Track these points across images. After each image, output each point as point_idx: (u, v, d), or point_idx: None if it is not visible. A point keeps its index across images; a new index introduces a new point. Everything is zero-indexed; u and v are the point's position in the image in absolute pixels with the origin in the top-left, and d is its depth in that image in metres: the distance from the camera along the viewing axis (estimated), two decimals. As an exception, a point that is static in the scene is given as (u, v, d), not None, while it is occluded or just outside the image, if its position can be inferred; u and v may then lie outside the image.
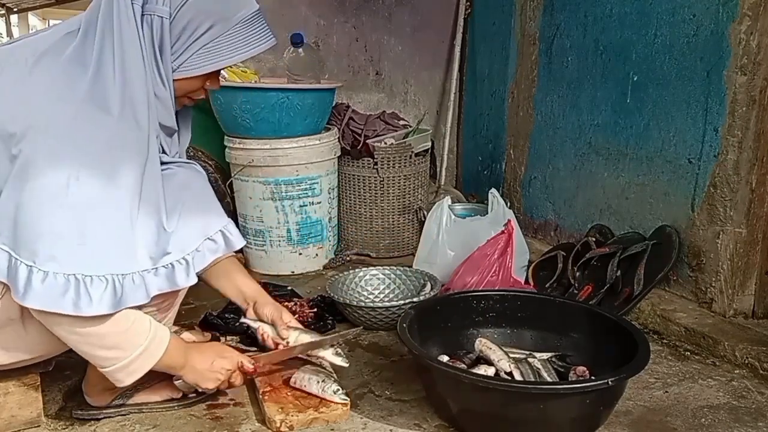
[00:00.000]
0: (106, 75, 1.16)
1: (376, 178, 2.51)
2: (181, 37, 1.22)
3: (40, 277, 1.08)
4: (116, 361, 1.21)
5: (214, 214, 1.33)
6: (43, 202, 1.10)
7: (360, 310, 1.85)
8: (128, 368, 1.22)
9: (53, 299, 1.09)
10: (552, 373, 1.48)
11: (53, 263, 1.09)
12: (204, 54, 1.24)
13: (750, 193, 1.80)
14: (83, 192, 1.11)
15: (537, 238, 2.63)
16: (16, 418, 1.35)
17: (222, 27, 1.23)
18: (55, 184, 1.10)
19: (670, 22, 1.95)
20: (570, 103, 2.41)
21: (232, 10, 1.24)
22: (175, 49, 1.23)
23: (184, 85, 1.29)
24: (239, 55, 1.26)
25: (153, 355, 1.24)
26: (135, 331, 1.21)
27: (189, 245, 1.25)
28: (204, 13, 1.22)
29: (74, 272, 1.10)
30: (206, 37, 1.23)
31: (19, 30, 11.08)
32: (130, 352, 1.21)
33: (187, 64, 1.25)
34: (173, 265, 1.22)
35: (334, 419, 1.40)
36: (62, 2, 7.05)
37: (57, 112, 1.13)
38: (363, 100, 2.97)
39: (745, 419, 1.44)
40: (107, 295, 1.12)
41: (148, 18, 1.20)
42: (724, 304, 1.86)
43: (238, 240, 1.35)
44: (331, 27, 2.85)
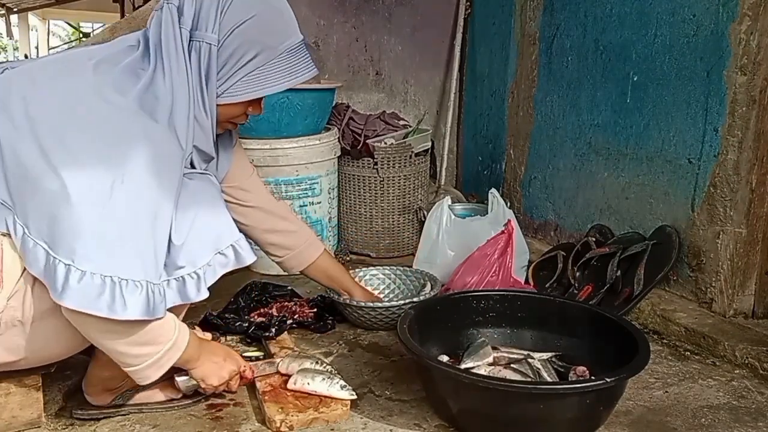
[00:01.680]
0: (158, 89, 1.20)
1: (376, 178, 2.51)
2: (227, 64, 1.26)
3: (77, 276, 1.08)
4: (148, 357, 1.21)
5: (226, 227, 1.31)
6: (86, 203, 1.10)
7: (360, 310, 1.85)
8: (159, 362, 1.23)
9: (89, 300, 1.08)
10: (552, 373, 1.48)
11: (91, 263, 1.09)
12: (249, 81, 1.28)
13: (750, 193, 1.80)
14: (127, 197, 1.12)
15: (537, 238, 2.63)
16: (17, 419, 1.35)
17: (268, 55, 1.27)
18: (99, 186, 1.10)
19: (670, 22, 1.95)
20: (570, 103, 2.41)
21: (279, 40, 1.28)
22: (220, 75, 1.27)
23: (228, 111, 1.32)
24: (283, 84, 1.30)
25: (180, 347, 1.26)
26: (165, 325, 1.22)
27: (200, 259, 1.23)
28: (251, 41, 1.25)
29: (111, 274, 1.10)
30: (252, 64, 1.27)
31: (19, 30, 11.09)
32: (161, 346, 1.22)
33: (232, 90, 1.28)
34: (184, 279, 1.21)
35: (334, 419, 1.40)
36: (62, 2, 7.06)
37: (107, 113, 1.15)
38: (363, 100, 2.97)
39: (745, 419, 1.44)
40: (141, 300, 1.12)
41: (197, 44, 1.23)
42: (724, 304, 1.86)
43: (249, 255, 1.32)
44: (331, 27, 2.85)
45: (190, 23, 1.23)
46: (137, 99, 1.18)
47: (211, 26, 1.23)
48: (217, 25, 1.23)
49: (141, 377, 1.24)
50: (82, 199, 1.10)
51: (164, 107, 1.20)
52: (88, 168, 1.11)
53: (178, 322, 1.26)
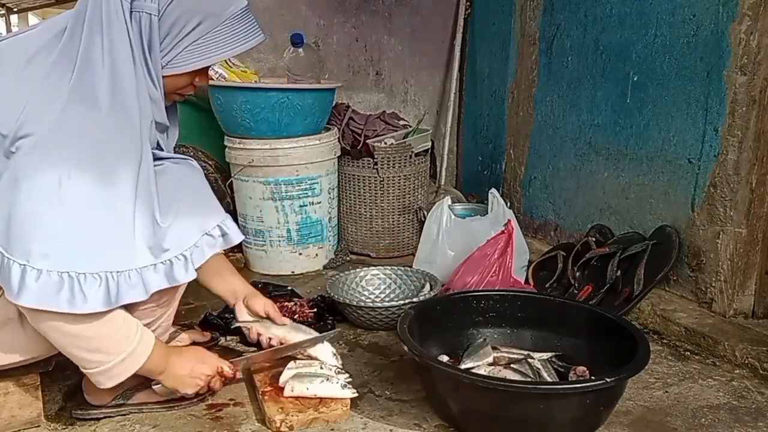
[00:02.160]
0: (94, 70, 1.17)
1: (376, 178, 2.51)
2: (170, 34, 1.23)
3: (34, 275, 1.08)
4: (99, 365, 1.21)
5: (211, 209, 1.32)
6: (36, 202, 1.10)
7: (360, 310, 1.85)
8: (110, 372, 1.23)
9: (48, 297, 1.09)
10: (552, 373, 1.48)
11: (47, 261, 1.09)
12: (193, 50, 1.25)
13: (750, 193, 1.80)
14: (76, 190, 1.12)
15: (537, 238, 2.63)
16: (16, 418, 1.35)
17: (211, 23, 1.24)
18: (47, 183, 1.10)
19: (670, 22, 1.95)
20: (570, 103, 2.41)
21: (222, 7, 1.25)
22: (164, 46, 1.23)
23: (174, 82, 1.30)
24: (228, 51, 1.27)
25: (137, 360, 1.25)
26: (121, 335, 1.22)
27: (187, 241, 1.24)
28: (193, 9, 1.22)
29: (68, 270, 1.10)
30: (195, 33, 1.23)
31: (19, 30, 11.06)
32: (114, 356, 1.22)
33: (176, 61, 1.25)
34: (171, 262, 1.21)
35: (334, 419, 1.40)
36: (62, 2, 7.05)
37: (45, 111, 1.14)
38: (363, 100, 2.97)
39: (745, 419, 1.44)
40: (101, 292, 1.12)
41: (137, 15, 1.20)
42: (724, 304, 1.86)
43: (236, 235, 1.33)
44: (331, 27, 2.85)
45: None
46: (72, 88, 1.15)
47: None
48: None
49: (95, 382, 1.25)
50: (30, 197, 1.10)
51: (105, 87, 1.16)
52: (34, 167, 1.11)
53: (140, 333, 1.25)
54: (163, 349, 1.33)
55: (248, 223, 2.39)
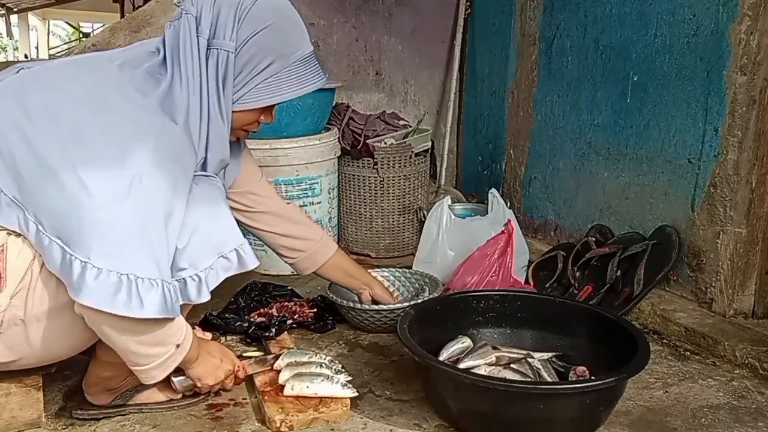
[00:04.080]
0: (175, 95, 1.24)
1: (376, 178, 2.51)
2: (243, 71, 1.29)
3: (93, 273, 1.08)
4: (158, 357, 1.23)
5: (230, 231, 1.31)
6: (104, 200, 1.10)
7: (364, 313, 1.85)
8: (165, 363, 1.25)
9: (106, 297, 1.08)
10: (552, 373, 1.48)
11: (107, 261, 1.09)
12: (263, 88, 1.31)
13: (750, 193, 1.81)
14: (145, 195, 1.13)
15: (537, 238, 2.63)
16: (17, 419, 1.35)
17: (282, 64, 1.30)
18: (118, 184, 1.11)
19: (670, 22, 1.95)
20: (570, 103, 2.41)
21: (292, 49, 1.32)
22: (236, 82, 1.30)
23: (241, 117, 1.35)
24: (295, 92, 1.34)
25: (185, 348, 1.28)
26: (176, 326, 1.23)
27: (203, 262, 1.23)
28: (267, 49, 1.28)
29: (127, 272, 1.10)
30: (267, 72, 1.30)
31: (19, 30, 11.09)
32: (171, 347, 1.24)
33: (247, 97, 1.31)
34: (185, 281, 1.20)
35: (334, 419, 1.40)
36: (62, 2, 7.06)
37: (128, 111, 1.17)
38: (363, 100, 2.97)
39: (745, 419, 1.44)
40: (157, 298, 1.12)
41: (214, 52, 1.26)
42: (724, 304, 1.86)
43: (252, 260, 1.31)
44: (331, 27, 2.85)
45: (208, 32, 1.26)
46: (158, 100, 1.22)
47: (228, 34, 1.26)
48: (234, 33, 1.26)
49: (147, 377, 1.25)
50: (100, 196, 1.10)
51: (181, 112, 1.24)
52: (107, 165, 1.12)
53: (185, 324, 1.28)
54: (196, 338, 1.35)
55: (248, 223, 2.39)
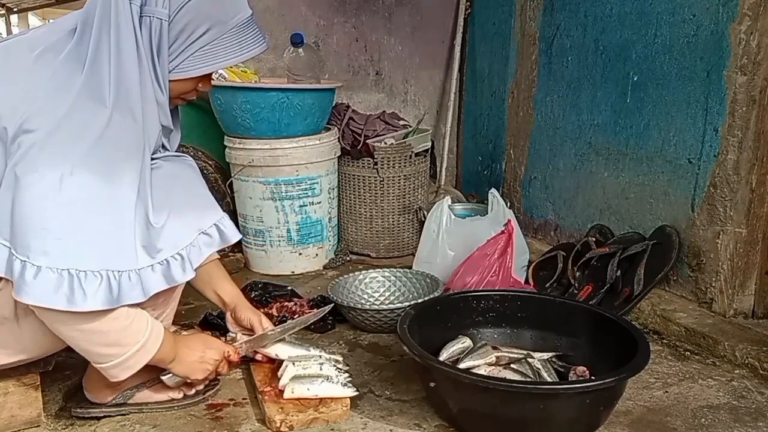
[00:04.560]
0: (101, 71, 1.17)
1: (376, 178, 2.51)
2: (178, 39, 1.24)
3: (32, 271, 1.08)
4: (114, 358, 1.22)
5: (207, 207, 1.33)
6: (37, 198, 1.10)
7: (365, 313, 1.85)
8: (125, 364, 1.23)
9: (46, 294, 1.08)
10: (552, 373, 1.48)
11: (45, 258, 1.08)
12: (200, 56, 1.26)
13: (750, 193, 1.80)
14: (77, 188, 1.12)
15: (537, 238, 2.63)
16: (16, 418, 1.35)
17: (219, 30, 1.25)
18: (49, 180, 1.10)
19: (670, 22, 1.95)
20: (570, 103, 2.41)
21: (229, 15, 1.26)
22: (171, 51, 1.24)
23: (178, 86, 1.31)
24: (234, 58, 1.29)
25: (149, 350, 1.25)
26: (135, 328, 1.22)
27: (182, 240, 1.24)
28: (202, 16, 1.23)
29: (67, 267, 1.09)
30: (203, 39, 1.25)
31: (19, 30, 11.08)
32: (128, 348, 1.22)
33: (183, 66, 1.26)
34: (168, 262, 1.21)
35: (334, 419, 1.40)
36: (62, 2, 7.05)
37: (52, 108, 1.14)
38: (363, 100, 2.97)
39: (745, 419, 1.44)
40: (102, 290, 1.12)
41: (147, 19, 1.20)
42: (724, 304, 1.86)
43: (234, 233, 1.34)
44: (331, 27, 2.85)
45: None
46: (82, 86, 1.16)
47: (161, 1, 1.21)
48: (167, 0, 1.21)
49: (109, 375, 1.25)
50: (32, 194, 1.10)
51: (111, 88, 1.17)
52: (38, 163, 1.11)
53: (151, 323, 1.25)
54: (172, 338, 1.34)
55: (248, 223, 2.39)
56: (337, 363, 1.53)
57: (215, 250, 1.34)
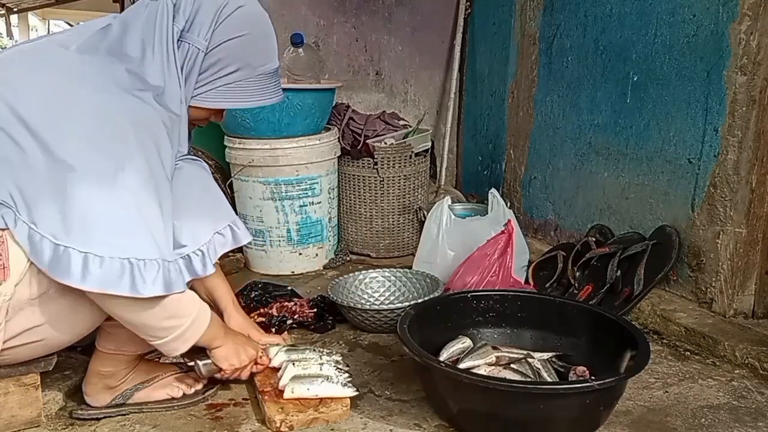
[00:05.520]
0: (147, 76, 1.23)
1: (376, 178, 2.51)
2: (208, 71, 1.32)
3: (97, 262, 1.12)
4: (174, 330, 1.25)
5: (222, 209, 1.41)
6: (94, 191, 1.13)
7: (365, 313, 1.85)
8: (185, 335, 1.27)
9: (111, 282, 1.12)
10: (552, 373, 1.48)
11: (107, 248, 1.12)
12: (223, 91, 1.34)
13: (750, 193, 1.80)
14: (130, 181, 1.16)
15: (537, 238, 2.63)
16: (16, 418, 1.35)
17: (246, 73, 1.34)
18: (103, 174, 1.14)
19: (670, 22, 1.95)
20: (570, 103, 2.41)
21: (260, 62, 1.35)
22: (199, 80, 1.32)
23: (195, 113, 1.38)
24: (252, 102, 1.39)
25: (203, 323, 1.31)
26: (187, 301, 1.27)
27: (202, 237, 1.31)
28: (236, 57, 1.31)
29: (128, 256, 1.13)
30: (230, 78, 1.33)
31: (19, 30, 11.09)
32: (186, 318, 1.26)
33: (206, 96, 1.34)
34: (190, 257, 1.27)
35: (334, 419, 1.40)
36: (62, 2, 7.06)
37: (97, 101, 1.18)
38: (363, 100, 2.97)
39: (745, 419, 1.44)
40: (160, 277, 1.16)
41: (185, 45, 1.28)
42: (724, 304, 1.86)
43: (245, 235, 1.42)
44: (331, 27, 2.85)
45: (183, 23, 1.27)
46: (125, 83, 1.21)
47: (204, 33, 1.28)
48: (209, 33, 1.29)
49: (169, 350, 1.29)
50: (89, 188, 1.13)
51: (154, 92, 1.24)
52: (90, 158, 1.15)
53: (199, 300, 1.31)
54: (218, 320, 1.40)
55: (248, 223, 2.39)
56: (338, 363, 1.53)
57: (228, 249, 1.40)
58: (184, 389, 1.47)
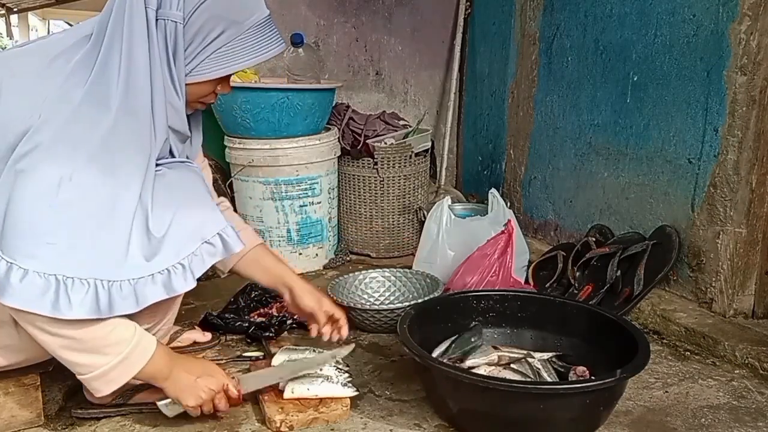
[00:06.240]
0: (110, 76, 1.16)
1: (376, 178, 2.51)
2: (194, 42, 1.22)
3: (19, 275, 1.06)
4: (93, 369, 1.18)
5: (211, 216, 1.28)
6: (31, 200, 1.08)
7: (365, 313, 1.85)
8: (106, 377, 1.19)
9: (31, 299, 1.06)
10: (552, 373, 1.48)
11: (33, 261, 1.07)
12: (217, 58, 1.24)
13: (750, 193, 1.80)
14: (75, 192, 1.10)
15: (537, 238, 2.63)
16: (16, 418, 1.35)
17: (235, 31, 1.24)
18: (46, 183, 1.09)
19: (670, 22, 1.95)
20: (570, 103, 2.41)
21: (245, 15, 1.25)
22: (187, 54, 1.23)
23: (196, 90, 1.29)
24: (251, 60, 1.27)
25: (135, 364, 1.21)
26: (116, 337, 1.17)
27: (184, 249, 1.20)
28: (217, 17, 1.22)
29: (55, 273, 1.07)
30: (219, 41, 1.23)
31: (19, 30, 11.08)
32: (109, 359, 1.17)
33: (200, 69, 1.25)
34: (169, 271, 1.18)
35: (334, 419, 1.40)
36: (62, 2, 7.05)
37: (57, 111, 1.13)
38: (363, 100, 2.97)
39: (745, 419, 1.44)
40: (88, 299, 1.09)
41: (162, 23, 1.19)
42: (724, 304, 1.86)
43: (236, 243, 1.29)
44: (331, 27, 2.85)
45: (155, 2, 1.19)
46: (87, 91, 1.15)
47: (176, 3, 1.19)
48: (181, 2, 1.20)
49: (92, 389, 1.22)
50: (28, 195, 1.08)
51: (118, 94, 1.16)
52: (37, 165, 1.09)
53: (138, 335, 1.21)
54: (167, 356, 1.28)
55: (248, 223, 2.38)
56: (338, 363, 1.53)
57: (219, 259, 1.29)
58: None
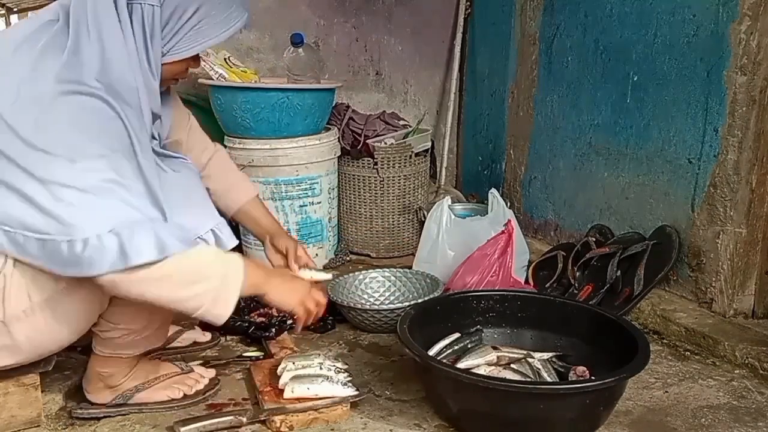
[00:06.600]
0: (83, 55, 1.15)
1: (376, 178, 2.51)
2: (170, 22, 1.23)
3: (80, 247, 1.08)
4: (206, 295, 1.20)
5: (205, 212, 1.32)
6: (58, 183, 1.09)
7: (365, 313, 1.85)
8: (222, 296, 1.21)
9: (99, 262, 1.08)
10: (552, 373, 1.48)
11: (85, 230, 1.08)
12: (192, 36, 1.26)
13: (750, 193, 1.80)
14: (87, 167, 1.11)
15: (537, 238, 2.63)
16: (16, 418, 1.35)
17: (209, 8, 1.25)
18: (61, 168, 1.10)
19: (670, 22, 1.95)
20: (570, 103, 2.41)
21: None
22: (164, 34, 1.24)
23: (172, 69, 1.30)
24: (222, 34, 1.28)
25: (236, 276, 1.24)
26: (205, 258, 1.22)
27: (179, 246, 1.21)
28: None
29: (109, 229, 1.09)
30: (194, 18, 1.24)
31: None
32: (214, 279, 1.21)
33: (177, 48, 1.26)
34: None
35: (334, 419, 1.40)
36: (62, 2, 7.06)
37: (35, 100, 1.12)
38: (363, 100, 2.97)
39: (745, 419, 1.44)
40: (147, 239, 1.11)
41: (138, 7, 1.19)
42: (724, 304, 1.86)
43: (229, 240, 1.34)
44: (331, 27, 2.85)
45: None
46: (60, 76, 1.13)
47: None
48: None
49: (215, 317, 1.23)
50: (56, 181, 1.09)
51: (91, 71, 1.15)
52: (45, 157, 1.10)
53: (222, 253, 1.27)
54: (253, 263, 1.36)
55: (248, 223, 2.38)
56: (338, 370, 1.52)
57: None
58: (185, 390, 1.47)
